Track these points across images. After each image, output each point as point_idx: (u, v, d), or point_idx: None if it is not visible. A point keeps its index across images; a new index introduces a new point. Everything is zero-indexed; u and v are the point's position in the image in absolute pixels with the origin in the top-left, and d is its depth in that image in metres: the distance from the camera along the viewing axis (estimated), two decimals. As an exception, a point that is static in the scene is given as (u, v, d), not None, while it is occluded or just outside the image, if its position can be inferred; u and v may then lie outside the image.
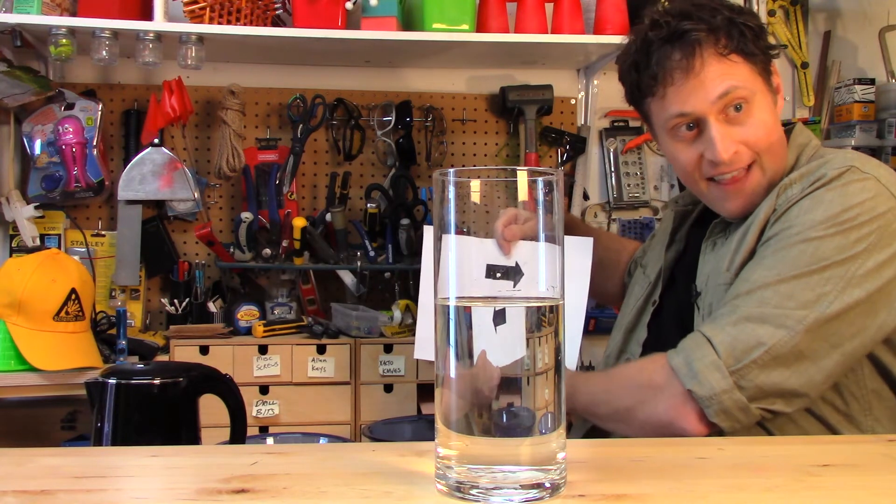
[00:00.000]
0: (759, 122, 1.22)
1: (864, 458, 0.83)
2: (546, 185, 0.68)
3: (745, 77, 1.21)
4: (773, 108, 1.26)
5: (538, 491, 0.66)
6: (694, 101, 1.21)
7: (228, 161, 2.42)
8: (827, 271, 1.09)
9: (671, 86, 1.21)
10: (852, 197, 1.13)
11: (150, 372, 1.09)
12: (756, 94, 1.22)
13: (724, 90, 1.19)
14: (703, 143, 1.23)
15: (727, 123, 1.22)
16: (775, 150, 1.25)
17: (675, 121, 1.24)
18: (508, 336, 0.67)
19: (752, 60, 1.22)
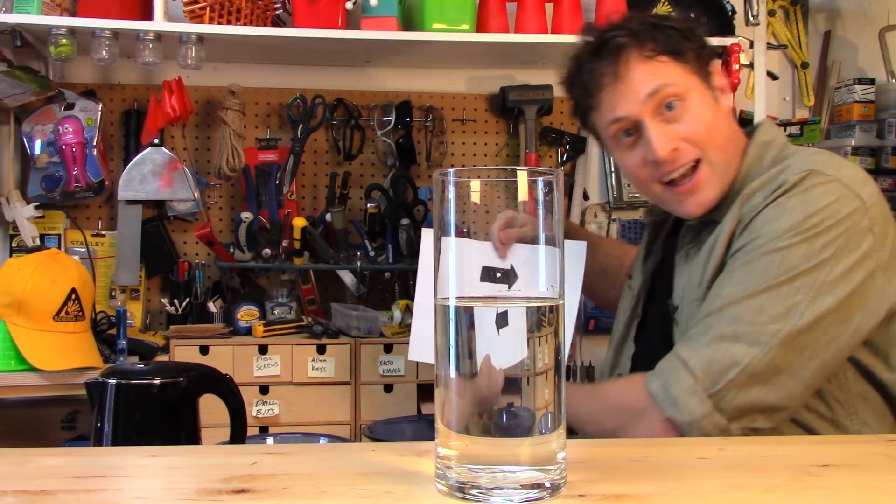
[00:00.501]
0: (696, 118, 1.22)
1: (864, 458, 0.83)
2: (546, 185, 0.68)
3: (676, 76, 1.22)
4: (715, 105, 1.26)
5: (538, 491, 0.66)
6: (625, 103, 1.22)
7: (228, 161, 2.42)
8: (796, 281, 1.07)
9: (602, 93, 1.24)
10: (815, 202, 1.11)
11: (150, 372, 1.09)
12: (691, 92, 1.23)
13: (652, 89, 1.21)
14: (643, 145, 1.23)
15: (664, 122, 1.22)
16: (721, 146, 1.24)
17: (613, 127, 1.25)
18: (509, 337, 0.67)
19: (683, 59, 1.23)
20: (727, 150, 1.25)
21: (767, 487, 0.71)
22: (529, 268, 0.68)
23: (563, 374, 0.69)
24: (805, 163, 1.17)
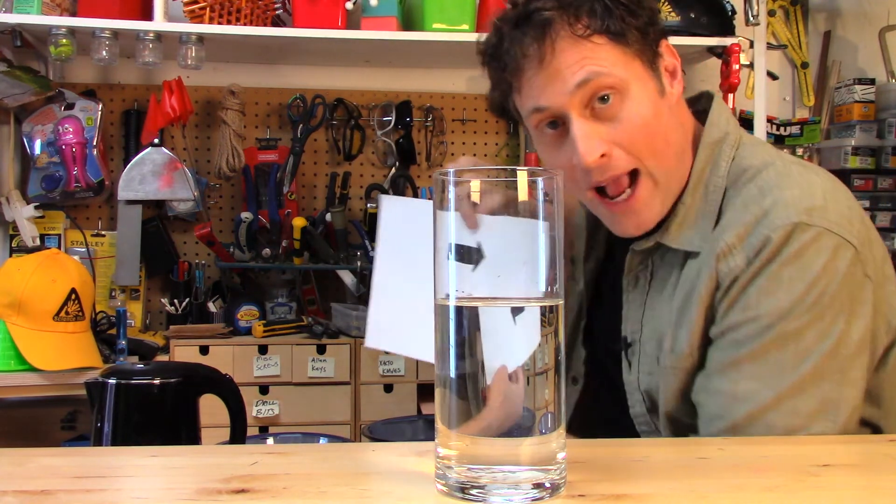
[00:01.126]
0: (634, 117, 1.01)
1: (864, 458, 0.83)
2: (546, 185, 0.68)
3: (613, 62, 1.00)
4: (659, 100, 1.04)
5: (538, 491, 0.66)
6: (549, 93, 1.00)
7: (228, 161, 2.42)
8: (819, 369, 0.96)
9: (524, 76, 1.02)
10: (812, 267, 0.96)
11: (150, 372, 1.09)
12: (630, 83, 1.01)
13: (582, 78, 0.99)
14: (570, 144, 1.02)
15: (594, 120, 1.01)
16: (664, 152, 1.03)
17: (535, 116, 1.04)
18: (516, 336, 0.67)
19: (623, 42, 1.00)
20: (670, 156, 1.04)
21: (767, 487, 0.71)
22: (503, 246, 0.66)
23: (562, 374, 0.69)
24: (785, 209, 0.98)
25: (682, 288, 1.05)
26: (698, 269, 1.03)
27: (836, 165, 2.70)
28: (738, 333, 0.98)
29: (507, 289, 0.67)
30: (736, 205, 1.03)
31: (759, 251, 0.97)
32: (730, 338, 0.99)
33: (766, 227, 0.98)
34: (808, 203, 0.99)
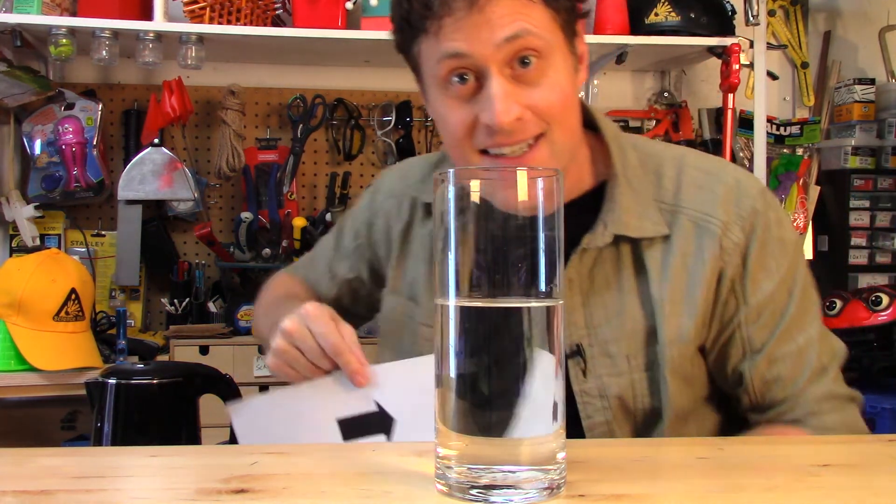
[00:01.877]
0: (553, 84, 0.98)
1: (864, 458, 0.83)
2: (546, 185, 0.68)
3: (543, 24, 0.96)
4: (573, 76, 1.02)
5: (538, 491, 0.66)
6: (475, 40, 0.94)
7: (228, 161, 2.42)
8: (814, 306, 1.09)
9: (448, 17, 0.94)
10: (787, 221, 1.11)
11: (150, 372, 1.09)
12: (554, 51, 0.98)
13: (513, 32, 0.94)
14: (480, 102, 0.97)
15: (513, 81, 0.96)
16: (569, 125, 1.02)
17: (448, 64, 0.97)
18: (515, 336, 0.67)
19: (556, 8, 0.98)
20: (573, 135, 1.03)
21: (767, 487, 0.71)
22: (412, 397, 0.66)
23: (563, 373, 0.69)
24: (747, 179, 1.07)
25: (669, 276, 1.03)
26: (690, 253, 1.03)
27: (836, 165, 2.70)
28: (777, 303, 1.04)
29: (507, 289, 0.67)
30: (687, 187, 1.06)
31: (752, 222, 1.03)
32: (771, 309, 1.03)
33: (747, 198, 1.04)
34: (744, 172, 1.10)
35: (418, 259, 1.16)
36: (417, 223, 1.17)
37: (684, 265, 1.04)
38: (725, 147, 2.46)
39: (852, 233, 2.66)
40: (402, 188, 1.21)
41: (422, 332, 1.13)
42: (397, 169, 1.28)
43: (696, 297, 1.02)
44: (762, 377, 1.03)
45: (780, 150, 2.73)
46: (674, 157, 1.10)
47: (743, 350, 1.04)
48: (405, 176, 1.23)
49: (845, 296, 2.36)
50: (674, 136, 2.70)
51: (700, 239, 1.03)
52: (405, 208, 1.19)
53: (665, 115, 2.71)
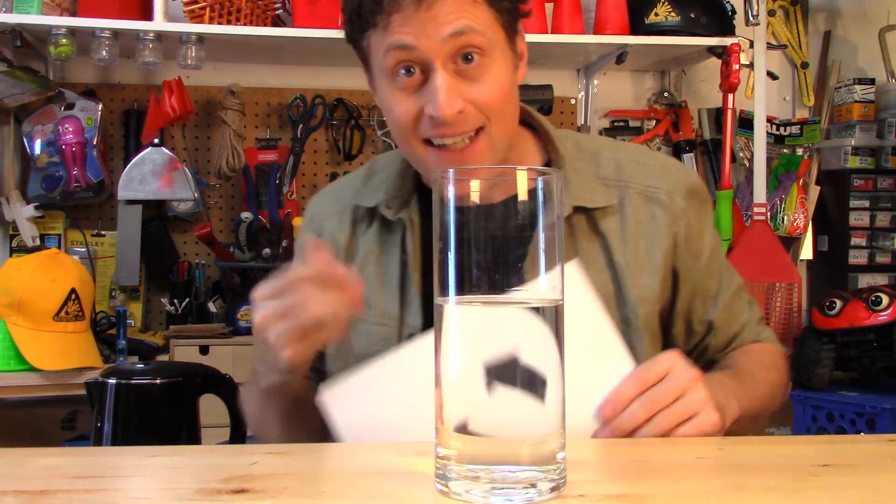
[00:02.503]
0: (493, 81, 1.04)
1: (864, 458, 0.83)
2: (546, 185, 0.68)
3: (486, 23, 1.03)
4: (512, 73, 1.08)
5: (538, 491, 0.66)
6: (421, 35, 1.00)
7: (228, 161, 2.43)
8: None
9: (397, 13, 1.00)
10: (701, 184, 1.24)
11: (150, 372, 1.09)
12: (495, 49, 1.04)
13: (457, 28, 1.00)
14: (425, 95, 1.03)
15: (455, 76, 1.03)
16: (507, 120, 1.08)
17: (395, 55, 1.02)
18: (515, 336, 0.67)
19: (497, 7, 1.04)
20: (510, 127, 1.10)
21: (767, 487, 0.71)
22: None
23: (563, 373, 0.69)
24: (665, 157, 1.25)
25: (628, 241, 1.13)
26: (643, 221, 1.13)
27: (836, 165, 2.70)
28: (716, 253, 1.18)
29: (507, 289, 0.67)
30: (627, 164, 1.16)
31: (685, 187, 1.15)
32: (715, 260, 1.18)
33: (677, 169, 1.19)
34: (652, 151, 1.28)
35: (366, 263, 1.17)
36: (360, 230, 1.19)
37: (640, 232, 1.14)
38: (725, 147, 2.46)
39: (852, 233, 2.66)
40: (339, 205, 1.23)
41: (376, 331, 1.14)
42: (326, 192, 1.29)
43: (657, 258, 1.13)
44: (725, 320, 1.18)
45: (780, 150, 2.73)
46: (604, 142, 1.22)
47: (705, 301, 1.17)
48: (337, 194, 1.25)
49: (845, 296, 2.36)
50: (674, 136, 2.70)
51: (650, 207, 1.13)
52: (346, 220, 1.21)
53: (665, 115, 2.71)
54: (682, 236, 1.14)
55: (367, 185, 1.22)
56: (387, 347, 1.08)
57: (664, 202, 1.14)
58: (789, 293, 2.48)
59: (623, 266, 1.12)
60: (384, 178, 1.20)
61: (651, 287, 1.12)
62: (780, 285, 2.48)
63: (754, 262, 2.43)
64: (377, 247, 1.17)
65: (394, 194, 1.16)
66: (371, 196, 1.19)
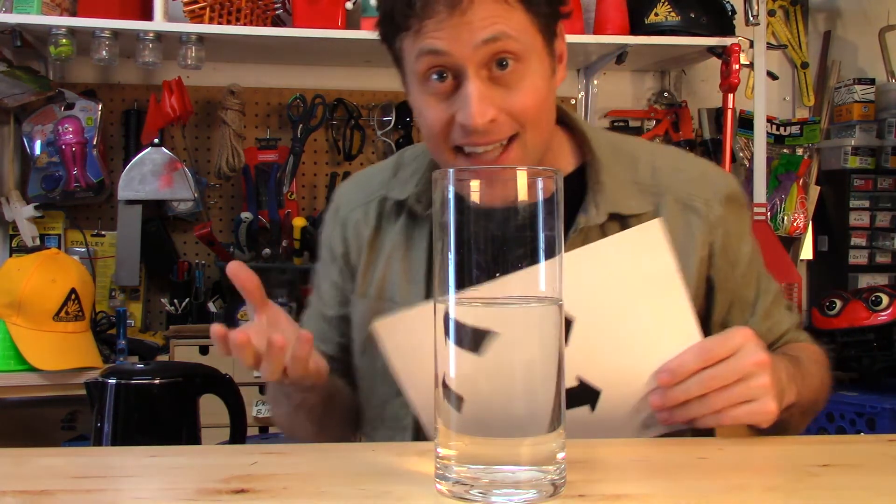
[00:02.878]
0: (529, 88, 1.01)
1: (864, 458, 0.83)
2: (546, 185, 0.68)
3: (522, 28, 0.99)
4: (550, 78, 1.05)
5: (538, 491, 0.66)
6: (454, 40, 0.97)
7: (228, 161, 2.43)
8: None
9: (430, 18, 0.97)
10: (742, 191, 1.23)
11: (150, 372, 1.09)
12: (532, 54, 1.01)
13: (491, 34, 0.97)
14: (457, 101, 1.00)
15: (489, 82, 0.99)
16: (543, 126, 1.05)
17: (427, 60, 0.99)
18: (515, 336, 0.67)
19: (535, 11, 1.00)
20: (546, 132, 1.07)
21: (767, 487, 0.71)
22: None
23: (563, 374, 0.69)
24: (707, 162, 1.20)
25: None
26: (679, 230, 1.08)
27: (836, 165, 2.70)
28: (753, 261, 1.15)
29: (507, 289, 0.67)
30: (664, 169, 1.12)
31: (726, 194, 1.11)
32: (753, 267, 1.14)
33: (719, 175, 1.15)
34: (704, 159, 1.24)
35: (392, 258, 1.15)
36: (387, 223, 1.17)
37: (675, 241, 1.06)
38: (725, 147, 2.46)
39: (852, 233, 2.66)
40: (365, 195, 1.21)
41: None
42: (353, 181, 1.27)
43: (691, 268, 1.08)
44: (768, 327, 1.13)
45: (780, 150, 2.73)
46: (641, 144, 1.18)
47: (743, 309, 1.13)
48: (364, 184, 1.23)
49: (845, 296, 2.36)
50: (674, 136, 2.70)
51: (687, 216, 1.10)
52: (372, 213, 1.18)
53: (665, 115, 2.71)
54: (718, 245, 1.10)
55: (397, 177, 1.19)
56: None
57: (701, 210, 1.10)
58: (789, 293, 2.48)
59: None
60: (414, 171, 1.17)
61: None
62: (780, 285, 2.48)
63: (754, 262, 2.43)
64: (403, 242, 1.15)
65: (424, 188, 1.13)
66: (401, 189, 1.16)
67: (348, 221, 1.21)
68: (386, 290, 1.15)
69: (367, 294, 1.17)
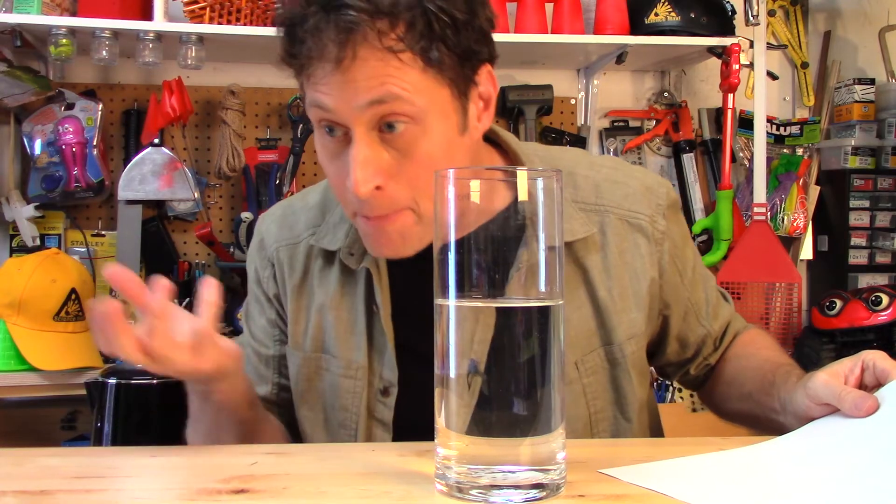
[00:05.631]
0: (423, 154, 0.90)
1: (864, 458, 0.82)
2: (546, 185, 0.68)
3: (418, 88, 0.88)
4: (455, 138, 0.93)
5: (538, 491, 0.66)
6: (338, 98, 0.88)
7: (228, 161, 2.42)
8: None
9: (319, 70, 0.89)
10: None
11: (150, 372, 1.09)
12: (429, 115, 0.89)
13: (376, 97, 0.87)
14: (347, 161, 0.91)
15: (379, 143, 0.90)
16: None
17: (317, 112, 0.92)
18: (516, 336, 0.67)
19: (436, 67, 0.89)
20: None
21: (767, 487, 0.70)
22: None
23: (563, 374, 0.69)
24: (645, 172, 1.14)
25: (612, 274, 1.05)
26: (627, 250, 1.05)
27: (836, 165, 2.70)
28: (696, 263, 1.14)
29: (507, 289, 0.67)
30: (605, 185, 1.07)
31: (667, 205, 1.09)
32: (697, 270, 1.13)
33: (659, 185, 1.10)
34: (638, 166, 1.22)
35: (325, 308, 1.07)
36: (316, 272, 1.09)
37: (624, 262, 1.06)
38: (725, 147, 2.46)
39: (852, 233, 2.66)
40: (292, 235, 1.12)
41: (343, 384, 1.05)
42: (277, 215, 1.16)
43: (642, 290, 1.06)
44: (720, 325, 1.16)
45: (780, 150, 2.73)
46: (578, 158, 1.11)
47: (698, 314, 1.14)
48: (291, 222, 1.13)
49: (845, 296, 2.36)
50: (674, 136, 2.70)
51: (633, 235, 1.06)
52: (300, 257, 1.10)
53: (665, 115, 2.71)
54: (667, 259, 1.08)
55: (326, 221, 1.10)
56: (355, 400, 1.03)
57: (647, 229, 1.06)
58: (789, 293, 2.48)
59: (608, 302, 1.04)
60: (342, 217, 1.07)
61: (638, 322, 1.06)
62: (780, 285, 2.48)
63: (754, 262, 2.43)
64: (338, 292, 1.06)
65: (355, 237, 1.04)
66: (331, 239, 1.07)
67: (275, 261, 1.13)
68: (323, 342, 1.08)
69: (301, 347, 1.09)
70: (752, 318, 2.43)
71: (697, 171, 2.69)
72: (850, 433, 0.78)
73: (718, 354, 1.17)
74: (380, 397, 1.04)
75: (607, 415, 1.05)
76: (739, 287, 2.44)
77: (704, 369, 1.18)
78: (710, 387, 1.19)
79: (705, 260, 2.46)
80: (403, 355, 1.03)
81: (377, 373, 1.04)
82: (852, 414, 0.80)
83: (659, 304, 1.09)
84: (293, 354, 1.11)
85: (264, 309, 1.15)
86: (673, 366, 1.19)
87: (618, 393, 1.06)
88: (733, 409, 1.13)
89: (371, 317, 1.04)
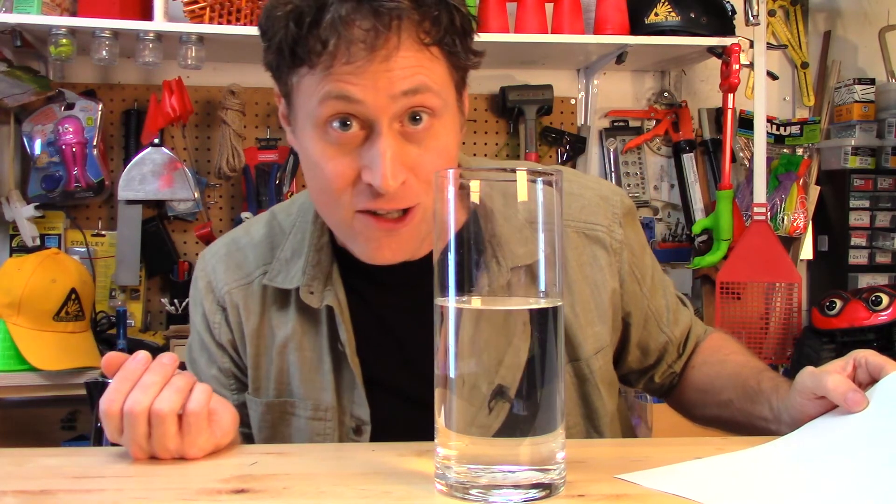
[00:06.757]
0: (441, 148, 0.90)
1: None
2: (546, 185, 0.68)
3: (442, 81, 0.90)
4: (458, 135, 0.95)
5: (538, 491, 0.66)
6: (371, 88, 0.85)
7: (228, 161, 2.42)
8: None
9: (346, 62, 0.85)
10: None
11: (149, 372, 1.08)
12: (446, 110, 0.91)
13: (413, 86, 0.86)
14: (364, 156, 0.88)
15: (402, 139, 0.88)
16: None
17: (334, 105, 0.87)
18: (515, 337, 0.67)
19: (453, 63, 0.91)
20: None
21: (767, 487, 0.70)
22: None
23: (562, 373, 0.69)
24: (599, 181, 1.13)
25: (573, 290, 1.04)
26: (586, 263, 1.05)
27: (836, 165, 2.70)
28: (654, 269, 1.13)
29: (507, 290, 0.67)
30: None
31: (623, 213, 1.08)
32: (655, 276, 1.13)
33: (613, 194, 1.09)
34: (592, 175, 1.20)
35: (287, 349, 1.03)
36: (273, 312, 1.04)
37: (584, 276, 1.06)
38: (725, 147, 2.46)
39: (852, 233, 2.66)
40: (243, 275, 1.07)
41: (311, 427, 1.02)
42: (222, 254, 1.10)
43: (603, 301, 1.06)
44: (678, 332, 1.15)
45: (780, 150, 2.73)
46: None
47: (659, 321, 1.13)
48: (239, 260, 1.08)
49: (845, 296, 2.36)
50: (674, 136, 2.70)
51: (591, 247, 1.06)
52: (255, 297, 1.05)
53: (665, 115, 2.71)
54: (626, 269, 1.08)
55: (277, 258, 1.05)
56: (326, 442, 1.00)
57: (605, 241, 1.06)
58: (789, 293, 2.48)
59: (571, 318, 1.03)
60: (295, 251, 1.04)
61: (603, 335, 1.06)
62: (780, 285, 2.48)
63: (754, 262, 2.43)
64: (298, 331, 1.02)
65: (313, 274, 1.00)
66: (285, 276, 1.03)
67: (227, 304, 1.06)
68: (286, 385, 1.04)
69: (264, 392, 1.05)
70: (752, 318, 2.44)
71: (697, 171, 2.69)
72: (855, 430, 0.78)
73: (682, 362, 1.16)
74: (352, 436, 1.02)
75: (579, 430, 1.05)
76: (739, 287, 2.44)
77: (670, 377, 1.17)
78: (678, 394, 1.18)
79: (705, 260, 2.47)
80: (373, 390, 1.01)
81: (348, 411, 1.01)
82: (836, 398, 0.82)
83: (621, 313, 1.09)
84: (254, 402, 1.06)
85: (215, 358, 1.08)
86: (635, 373, 1.18)
87: (588, 408, 1.06)
88: (710, 415, 1.11)
89: (336, 354, 1.01)
